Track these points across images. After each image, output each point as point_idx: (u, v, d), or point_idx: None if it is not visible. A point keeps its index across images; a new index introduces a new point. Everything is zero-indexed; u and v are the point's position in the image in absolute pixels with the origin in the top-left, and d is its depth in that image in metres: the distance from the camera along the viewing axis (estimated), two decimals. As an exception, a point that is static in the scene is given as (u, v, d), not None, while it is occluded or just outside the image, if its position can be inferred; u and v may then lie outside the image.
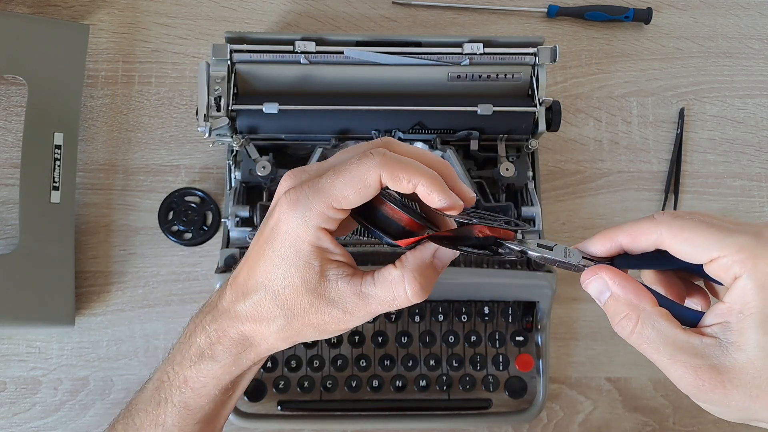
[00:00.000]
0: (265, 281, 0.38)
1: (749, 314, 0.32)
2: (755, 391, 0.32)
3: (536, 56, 0.66)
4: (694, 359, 0.32)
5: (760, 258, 0.31)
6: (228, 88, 0.64)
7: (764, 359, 0.31)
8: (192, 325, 0.43)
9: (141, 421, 0.43)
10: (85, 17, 0.76)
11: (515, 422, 0.66)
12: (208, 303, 0.43)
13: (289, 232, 0.37)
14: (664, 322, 0.33)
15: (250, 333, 0.40)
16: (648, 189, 0.74)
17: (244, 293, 0.40)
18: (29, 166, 0.66)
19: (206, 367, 0.42)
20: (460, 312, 0.65)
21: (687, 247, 0.33)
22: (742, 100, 0.78)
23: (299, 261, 0.37)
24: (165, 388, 0.43)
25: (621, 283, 0.34)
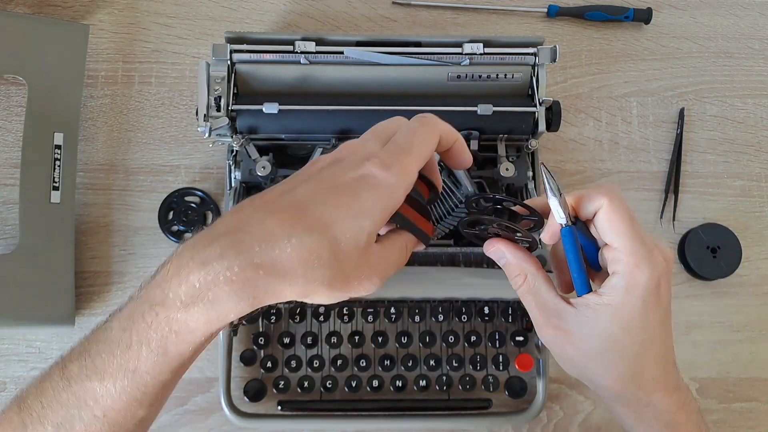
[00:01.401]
0: (329, 227, 0.35)
1: (608, 304, 0.40)
2: (586, 355, 0.42)
3: (536, 56, 0.66)
4: (553, 318, 0.42)
5: (638, 268, 0.40)
6: (228, 88, 0.64)
7: (600, 337, 0.41)
8: (181, 260, 0.36)
9: (104, 364, 0.36)
10: (85, 17, 0.76)
11: (515, 422, 0.66)
12: (211, 231, 0.37)
13: (381, 188, 0.37)
14: (543, 283, 0.43)
15: (275, 278, 0.35)
16: (648, 189, 0.74)
17: (289, 233, 0.35)
18: (29, 166, 0.66)
19: (200, 311, 0.35)
20: (460, 312, 0.65)
21: (605, 227, 0.41)
22: (742, 100, 0.78)
23: (379, 219, 0.37)
24: (139, 330, 0.36)
25: (513, 252, 0.44)
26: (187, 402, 0.67)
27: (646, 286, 0.40)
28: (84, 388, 0.36)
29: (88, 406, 0.36)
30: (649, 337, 0.42)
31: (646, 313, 0.41)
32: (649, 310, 0.41)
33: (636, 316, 0.41)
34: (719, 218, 0.73)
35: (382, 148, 0.39)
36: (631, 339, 0.41)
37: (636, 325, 0.41)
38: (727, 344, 0.71)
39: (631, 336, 0.41)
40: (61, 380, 0.37)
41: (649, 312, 0.41)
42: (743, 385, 0.70)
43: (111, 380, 0.36)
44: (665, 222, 0.74)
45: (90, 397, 0.36)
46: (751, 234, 0.73)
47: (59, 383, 0.37)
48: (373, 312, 0.65)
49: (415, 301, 0.65)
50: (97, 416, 0.36)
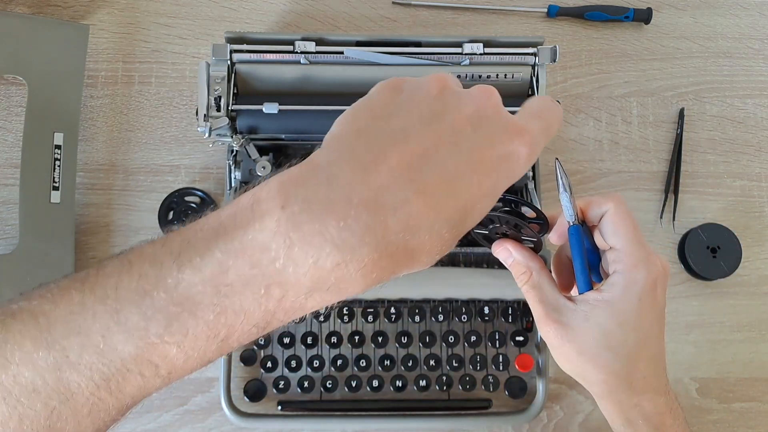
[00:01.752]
0: (468, 213, 0.31)
1: (606, 300, 0.42)
2: (582, 350, 0.42)
3: (536, 56, 0.66)
4: (553, 312, 0.43)
5: (636, 268, 0.42)
6: (228, 88, 0.64)
7: (597, 332, 0.42)
8: (305, 234, 0.28)
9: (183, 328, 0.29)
10: (85, 17, 0.76)
11: (515, 422, 0.66)
12: (338, 198, 0.28)
13: (517, 172, 0.33)
14: (546, 280, 0.44)
15: (404, 266, 0.31)
16: (648, 189, 0.74)
17: (433, 221, 0.30)
18: (29, 166, 0.66)
19: (323, 296, 0.30)
20: (460, 312, 0.65)
21: (610, 229, 0.43)
22: (742, 100, 0.78)
23: (497, 198, 0.33)
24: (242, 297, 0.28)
25: (520, 251, 0.45)
26: (187, 402, 0.67)
27: (644, 285, 0.42)
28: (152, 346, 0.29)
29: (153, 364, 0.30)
30: (644, 337, 0.43)
31: (642, 311, 0.42)
32: (644, 309, 0.42)
33: (632, 313, 0.42)
34: (719, 218, 0.73)
35: (521, 118, 0.34)
36: (626, 336, 0.42)
37: (632, 323, 0.42)
38: (727, 344, 0.71)
39: (626, 333, 0.42)
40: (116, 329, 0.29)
41: (645, 311, 0.42)
42: (743, 385, 0.70)
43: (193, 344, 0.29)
44: (665, 222, 0.74)
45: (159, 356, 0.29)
46: (751, 234, 0.73)
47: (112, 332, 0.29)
48: (373, 312, 0.65)
49: (415, 301, 0.65)
50: (161, 375, 0.30)
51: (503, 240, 0.46)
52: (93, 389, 0.30)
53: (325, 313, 0.65)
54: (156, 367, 0.30)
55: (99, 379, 0.29)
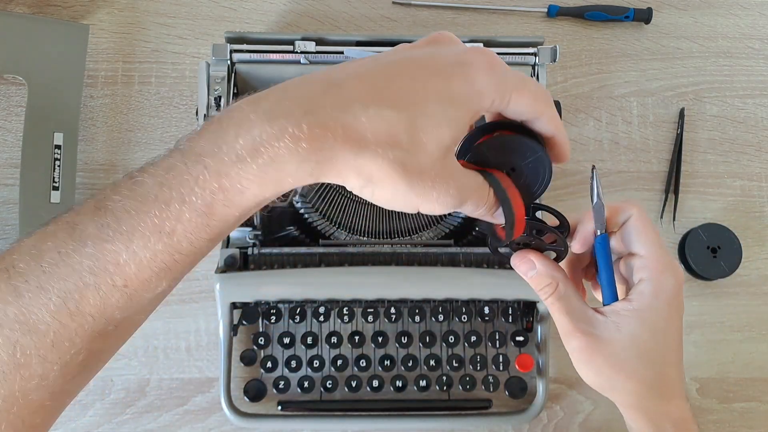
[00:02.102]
0: (413, 105, 0.31)
1: (636, 309, 0.41)
2: (614, 361, 0.41)
3: (536, 56, 0.66)
4: (582, 324, 0.42)
5: (664, 274, 0.41)
6: (228, 88, 0.64)
7: (629, 341, 0.41)
8: (241, 113, 0.31)
9: (133, 223, 0.30)
10: (85, 17, 0.76)
11: (515, 422, 0.66)
12: (279, 90, 0.32)
13: (475, 82, 0.33)
14: (572, 291, 0.43)
15: (344, 144, 0.30)
16: (648, 189, 0.74)
17: (367, 102, 0.31)
18: (29, 166, 0.66)
19: (257, 169, 0.30)
20: (460, 312, 0.65)
21: (633, 234, 0.42)
22: (742, 100, 0.78)
23: (463, 114, 0.33)
24: (182, 184, 0.30)
25: (543, 262, 0.43)
26: (187, 402, 0.67)
27: (672, 292, 0.42)
28: (103, 250, 0.30)
29: (107, 272, 0.30)
30: (672, 343, 0.42)
31: (671, 318, 0.42)
32: (673, 315, 0.42)
33: (662, 320, 0.42)
34: (719, 218, 0.73)
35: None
36: (657, 343, 0.41)
37: (662, 330, 0.42)
38: (727, 344, 0.71)
39: (657, 340, 0.41)
40: (70, 240, 0.30)
41: (673, 317, 0.42)
42: (743, 385, 0.70)
43: (140, 242, 0.30)
44: (665, 222, 0.74)
45: (111, 262, 0.30)
46: (752, 234, 0.73)
47: (68, 244, 0.30)
48: (373, 312, 0.65)
49: (415, 301, 0.65)
50: (117, 285, 0.31)
51: (525, 251, 0.44)
52: (53, 313, 0.30)
53: (325, 313, 0.65)
54: (110, 275, 0.30)
55: (57, 300, 0.30)
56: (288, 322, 0.65)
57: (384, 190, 0.32)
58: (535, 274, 0.43)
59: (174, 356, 0.68)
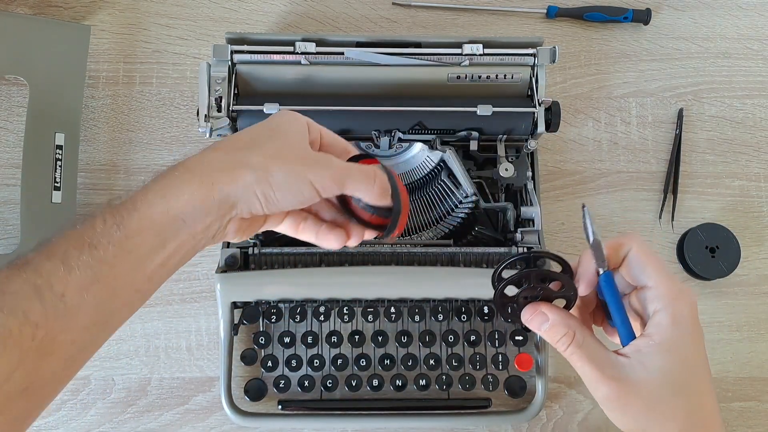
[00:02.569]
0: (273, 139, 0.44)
1: (659, 343, 0.39)
2: (650, 403, 0.39)
3: (535, 57, 0.66)
4: (608, 369, 0.40)
5: (679, 300, 0.40)
6: (229, 88, 0.64)
7: (661, 378, 0.39)
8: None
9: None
10: (87, 18, 0.76)
11: (515, 421, 0.66)
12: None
13: (292, 124, 0.46)
14: (591, 338, 0.41)
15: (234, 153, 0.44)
16: (647, 189, 0.75)
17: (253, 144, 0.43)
18: (30, 167, 0.66)
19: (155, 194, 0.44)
20: (460, 312, 0.65)
21: (638, 267, 0.41)
22: (741, 100, 0.78)
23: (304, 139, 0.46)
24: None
25: (557, 312, 0.42)
26: (188, 401, 0.67)
27: (690, 316, 0.40)
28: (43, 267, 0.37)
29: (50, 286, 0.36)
30: (702, 369, 0.41)
31: (695, 343, 0.40)
32: (696, 340, 0.40)
33: (688, 348, 0.40)
34: (718, 218, 0.73)
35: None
36: (690, 373, 0.40)
37: (690, 358, 0.40)
38: (725, 344, 0.71)
39: (688, 369, 0.40)
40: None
41: (697, 342, 0.41)
42: (742, 384, 0.70)
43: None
44: (664, 222, 0.74)
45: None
46: (750, 234, 0.74)
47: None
48: (373, 312, 0.65)
49: (415, 301, 0.65)
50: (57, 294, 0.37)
51: (535, 304, 0.42)
52: None
53: (325, 313, 0.65)
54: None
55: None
56: (288, 321, 0.66)
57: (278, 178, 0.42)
58: (548, 327, 0.42)
59: (175, 356, 0.68)
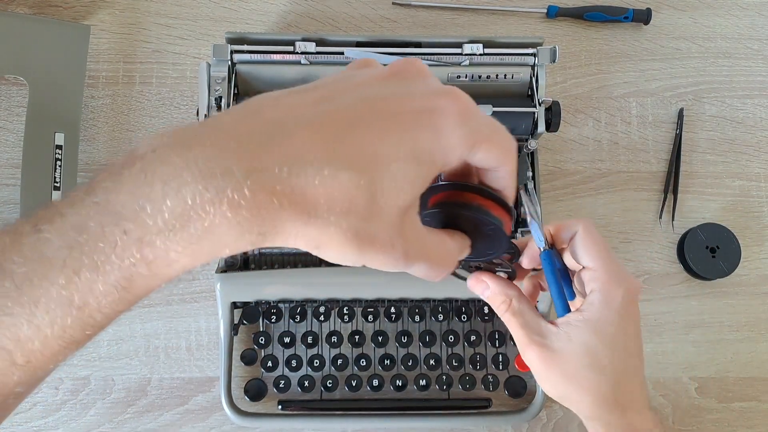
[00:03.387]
0: (374, 165, 0.27)
1: (587, 319, 0.42)
2: (568, 372, 0.42)
3: (536, 57, 0.66)
4: (536, 336, 0.43)
5: (613, 284, 0.42)
6: (228, 88, 0.64)
7: (581, 352, 0.41)
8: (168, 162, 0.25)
9: (36, 293, 0.25)
10: (86, 18, 0.76)
11: (515, 422, 0.66)
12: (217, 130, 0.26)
13: (446, 135, 0.28)
14: (526, 306, 0.44)
15: (292, 213, 0.25)
16: (647, 189, 0.75)
17: (322, 160, 0.26)
18: (30, 167, 0.66)
19: (188, 240, 0.25)
20: (460, 312, 0.65)
21: (581, 248, 0.43)
22: (741, 100, 0.78)
23: (428, 172, 0.29)
24: (95, 251, 0.25)
25: (496, 281, 0.45)
26: (187, 401, 0.67)
27: (623, 301, 0.42)
28: (1, 324, 0.25)
29: (5, 350, 0.25)
30: (626, 353, 0.42)
31: (623, 327, 0.42)
32: (625, 324, 0.42)
33: (614, 329, 0.42)
34: (718, 218, 0.73)
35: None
36: (611, 353, 0.42)
37: (614, 339, 0.42)
38: (726, 344, 0.71)
39: (610, 350, 0.42)
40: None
41: (626, 326, 0.42)
42: (742, 384, 0.70)
43: (47, 317, 0.25)
44: (664, 222, 0.74)
45: (9, 338, 0.25)
46: (751, 234, 0.74)
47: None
48: (373, 312, 0.65)
49: (415, 301, 0.65)
50: (17, 363, 0.26)
51: (479, 273, 0.46)
52: None
53: (325, 313, 0.65)
54: (9, 353, 0.25)
55: None
56: (288, 321, 0.66)
57: (330, 254, 0.28)
58: (490, 294, 0.45)
59: (175, 356, 0.68)
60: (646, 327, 0.71)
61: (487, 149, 0.30)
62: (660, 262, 0.73)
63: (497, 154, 0.31)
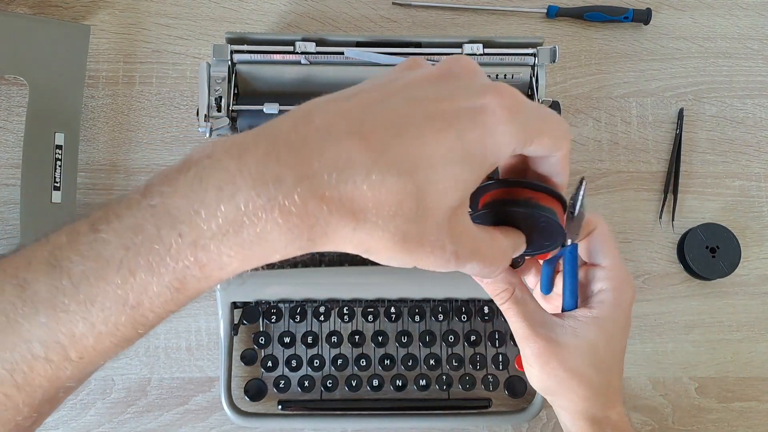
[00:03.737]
0: (421, 168, 0.27)
1: (596, 317, 0.41)
2: (569, 366, 0.41)
3: (536, 57, 0.66)
4: (540, 328, 0.41)
5: (625, 286, 0.42)
6: (228, 88, 0.64)
7: (586, 348, 0.41)
8: (223, 168, 0.26)
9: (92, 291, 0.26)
10: (86, 18, 0.76)
11: (515, 422, 0.66)
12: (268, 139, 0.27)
13: (494, 134, 0.28)
14: (528, 296, 0.42)
15: (341, 218, 0.26)
16: (647, 189, 0.75)
17: (369, 165, 0.26)
18: (30, 166, 0.66)
19: (240, 245, 0.26)
20: (459, 312, 0.65)
21: (598, 246, 0.43)
22: (741, 100, 0.78)
23: (477, 172, 0.29)
24: (151, 252, 0.26)
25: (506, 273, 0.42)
26: (187, 401, 0.67)
27: (629, 304, 0.43)
28: (57, 320, 0.26)
29: (60, 345, 0.26)
30: (621, 353, 0.44)
31: (625, 329, 0.43)
32: (625, 326, 0.43)
33: (619, 330, 0.43)
34: (718, 218, 0.73)
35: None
36: (611, 352, 0.42)
37: (617, 339, 0.43)
38: (726, 344, 0.71)
39: (611, 349, 0.42)
40: (20, 303, 0.26)
41: (625, 329, 0.43)
42: (742, 384, 0.70)
43: (101, 315, 0.26)
44: (664, 222, 0.74)
45: (65, 334, 0.26)
46: (751, 234, 0.74)
47: (16, 307, 0.26)
48: (373, 312, 0.65)
49: (415, 301, 0.65)
50: (71, 358, 0.27)
51: None
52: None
53: (325, 313, 0.65)
54: (63, 348, 0.26)
55: (2, 372, 0.26)
56: (288, 321, 0.66)
57: (380, 257, 0.29)
58: (490, 281, 0.42)
59: (175, 356, 0.68)
60: (646, 327, 0.71)
61: (539, 141, 0.31)
62: (660, 262, 0.73)
63: (549, 144, 0.32)
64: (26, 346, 0.26)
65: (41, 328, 0.26)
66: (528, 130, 0.30)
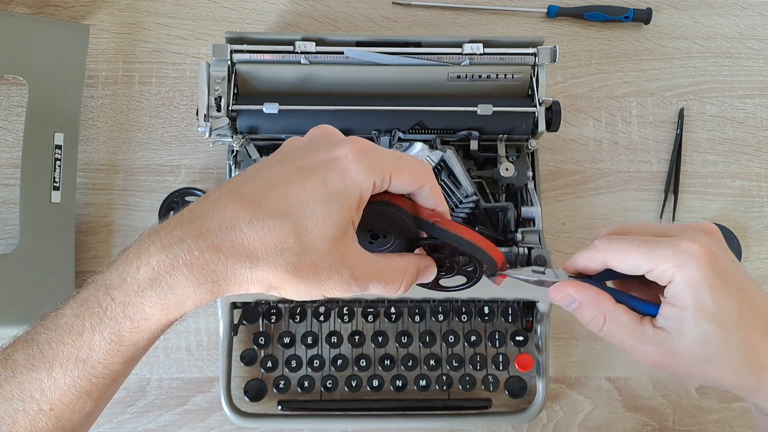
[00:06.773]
0: (294, 209, 0.34)
1: (684, 308, 0.39)
2: (699, 362, 0.40)
3: (536, 56, 0.66)
4: (650, 347, 0.40)
5: (683, 265, 0.39)
6: (228, 88, 0.64)
7: (701, 341, 0.39)
8: (142, 245, 0.35)
9: (53, 352, 0.34)
10: (86, 17, 0.76)
11: (515, 422, 0.66)
12: (174, 219, 0.36)
13: (350, 173, 0.36)
14: (624, 316, 0.41)
15: (236, 260, 0.34)
16: (648, 189, 0.75)
17: (250, 217, 0.34)
18: (30, 166, 0.66)
19: (157, 296, 0.34)
20: (460, 312, 0.65)
21: (626, 266, 0.41)
22: (742, 100, 0.78)
23: (345, 205, 0.35)
24: (92, 315, 0.35)
25: (584, 292, 0.42)
26: (187, 402, 0.67)
27: (703, 274, 0.39)
28: (29, 378, 0.34)
29: (34, 399, 0.34)
30: (741, 317, 0.39)
31: (721, 296, 0.39)
32: (721, 292, 0.39)
33: (714, 305, 0.39)
34: (719, 218, 0.73)
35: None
36: (727, 328, 0.39)
37: (721, 313, 0.39)
38: (726, 344, 0.71)
39: (724, 325, 0.39)
40: (3, 370, 0.35)
41: (724, 293, 0.39)
42: (743, 384, 0.70)
43: (60, 370, 0.34)
44: (665, 222, 0.74)
45: (36, 389, 0.34)
46: (751, 234, 0.73)
47: (1, 374, 0.35)
48: (373, 312, 0.65)
49: (415, 301, 0.65)
50: (44, 410, 0.35)
51: (562, 283, 0.43)
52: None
53: (325, 313, 0.65)
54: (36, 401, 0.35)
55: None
56: (288, 321, 0.66)
57: (287, 291, 0.35)
58: (576, 307, 0.42)
59: (174, 356, 0.68)
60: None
61: (397, 177, 0.37)
62: (660, 262, 0.73)
63: (408, 179, 0.38)
64: (8, 403, 0.34)
65: (19, 387, 0.34)
66: (382, 167, 0.36)
